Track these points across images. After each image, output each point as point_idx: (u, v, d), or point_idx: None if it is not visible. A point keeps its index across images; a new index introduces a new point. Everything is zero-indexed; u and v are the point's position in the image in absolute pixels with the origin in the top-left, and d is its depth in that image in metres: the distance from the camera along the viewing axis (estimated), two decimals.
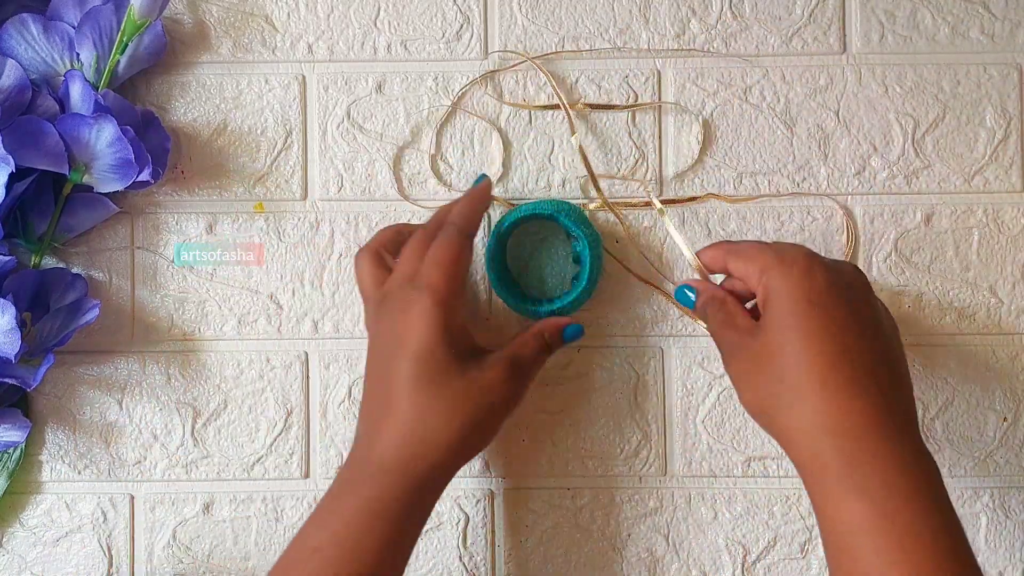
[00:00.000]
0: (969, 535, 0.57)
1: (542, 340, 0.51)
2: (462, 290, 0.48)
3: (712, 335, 0.49)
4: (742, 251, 0.47)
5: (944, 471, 0.57)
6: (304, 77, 0.57)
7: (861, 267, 0.57)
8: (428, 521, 0.56)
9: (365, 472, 0.46)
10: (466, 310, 0.50)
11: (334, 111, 0.57)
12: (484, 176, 0.55)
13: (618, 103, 0.57)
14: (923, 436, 0.57)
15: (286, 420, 0.57)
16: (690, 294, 0.50)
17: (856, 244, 0.57)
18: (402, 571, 0.47)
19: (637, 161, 0.57)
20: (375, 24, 0.57)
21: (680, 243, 0.52)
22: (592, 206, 0.57)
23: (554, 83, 0.56)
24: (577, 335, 0.52)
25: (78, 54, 0.54)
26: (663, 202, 0.56)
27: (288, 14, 0.57)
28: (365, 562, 0.45)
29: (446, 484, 0.48)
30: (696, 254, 0.51)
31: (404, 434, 0.46)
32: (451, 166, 0.57)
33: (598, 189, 0.55)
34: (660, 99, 0.57)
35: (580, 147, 0.56)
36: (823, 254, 0.56)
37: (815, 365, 0.42)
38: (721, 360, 0.48)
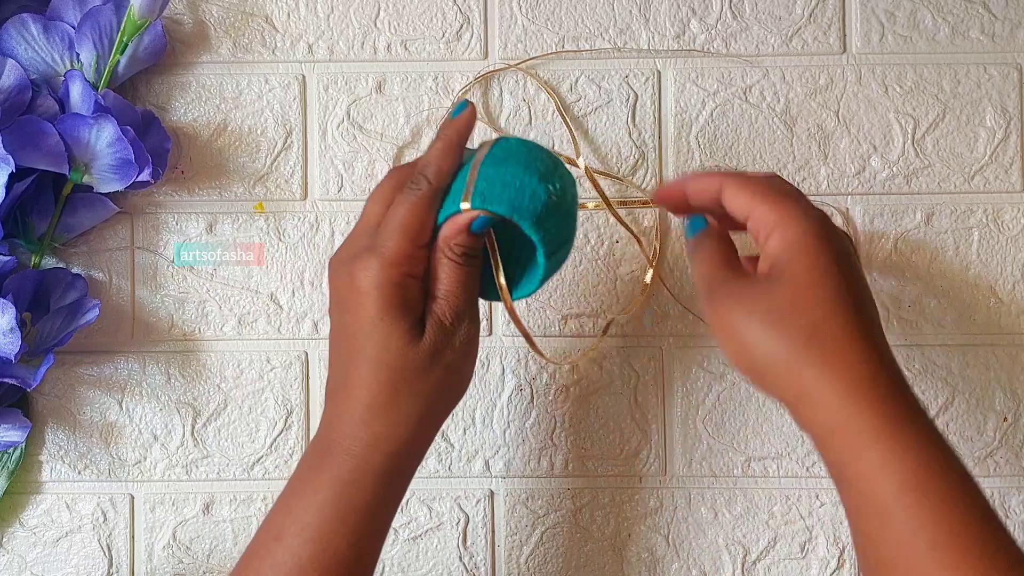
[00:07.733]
0: None
1: (451, 256, 0.44)
2: (424, 250, 0.43)
3: (702, 276, 0.44)
4: (750, 188, 0.44)
5: None
6: (304, 77, 0.57)
7: (861, 267, 0.57)
8: (428, 521, 0.56)
9: (330, 455, 0.43)
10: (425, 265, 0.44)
11: (334, 111, 0.57)
12: (467, 104, 0.45)
13: (618, 103, 0.57)
14: None
15: (286, 420, 0.57)
16: (698, 226, 0.46)
17: (856, 244, 0.57)
18: (372, 570, 0.44)
19: (637, 161, 0.57)
20: (375, 24, 0.57)
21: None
22: (591, 206, 0.57)
23: (550, 90, 0.56)
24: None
25: (78, 54, 0.54)
26: None
27: (288, 14, 0.57)
28: (339, 554, 0.42)
29: (414, 469, 0.45)
30: (684, 180, 0.46)
31: (363, 416, 0.43)
32: None
33: (600, 192, 0.55)
34: (660, 99, 0.57)
35: (587, 168, 0.56)
36: None
37: (851, 319, 0.40)
38: (707, 305, 0.43)
